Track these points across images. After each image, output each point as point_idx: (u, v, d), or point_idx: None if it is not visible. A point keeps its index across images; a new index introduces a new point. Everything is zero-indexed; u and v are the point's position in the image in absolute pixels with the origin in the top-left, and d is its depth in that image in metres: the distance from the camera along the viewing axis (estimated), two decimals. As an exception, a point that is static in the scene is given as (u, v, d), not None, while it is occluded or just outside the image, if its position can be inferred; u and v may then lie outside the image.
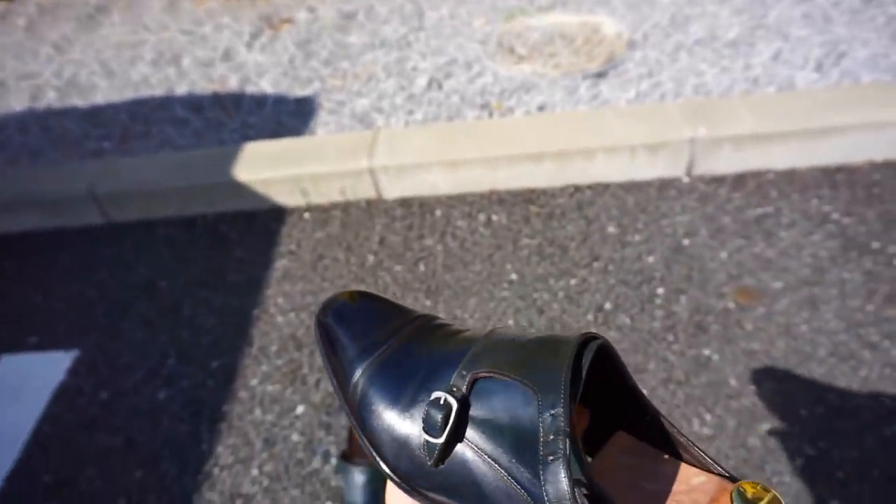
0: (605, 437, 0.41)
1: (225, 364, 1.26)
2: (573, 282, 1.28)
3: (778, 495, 0.33)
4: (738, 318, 1.17)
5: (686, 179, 1.46)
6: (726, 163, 1.45)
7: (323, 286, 1.38)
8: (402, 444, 0.39)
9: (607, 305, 1.23)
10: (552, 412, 0.33)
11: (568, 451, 0.32)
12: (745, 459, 0.98)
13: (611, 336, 1.17)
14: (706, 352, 1.13)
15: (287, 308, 1.35)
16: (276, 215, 1.60)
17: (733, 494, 0.35)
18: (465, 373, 0.37)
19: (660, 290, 1.24)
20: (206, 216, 1.64)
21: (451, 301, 1.29)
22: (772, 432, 1.01)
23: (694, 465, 0.39)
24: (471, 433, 0.36)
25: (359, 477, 0.88)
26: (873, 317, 1.13)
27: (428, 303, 1.30)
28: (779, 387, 1.06)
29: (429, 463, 0.37)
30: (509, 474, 0.34)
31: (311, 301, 1.35)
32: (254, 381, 1.22)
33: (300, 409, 1.16)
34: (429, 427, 0.36)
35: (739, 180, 1.43)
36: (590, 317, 1.21)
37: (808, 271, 1.22)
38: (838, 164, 1.43)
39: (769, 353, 1.11)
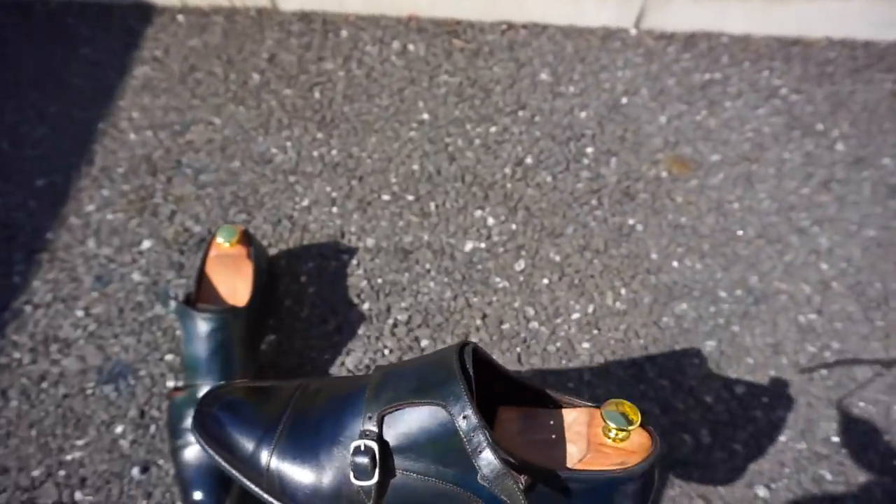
0: (492, 414, 0.48)
1: (54, 184, 1.01)
2: (493, 129, 1.10)
3: (634, 407, 0.43)
4: (668, 189, 1.04)
5: (633, 32, 1.27)
6: (680, 18, 1.26)
7: (192, 103, 1.12)
8: (336, 498, 0.41)
9: (528, 160, 1.06)
10: (464, 415, 0.38)
11: (490, 439, 0.37)
12: (655, 338, 0.88)
13: (529, 194, 1.02)
14: (630, 221, 1.00)
15: (143, 125, 1.09)
16: (140, 13, 1.27)
17: (602, 414, 0.42)
18: (370, 415, 0.40)
19: (589, 150, 1.08)
20: (48, 2, 1.29)
21: (348, 137, 1.08)
22: (687, 312, 0.91)
23: (565, 407, 0.47)
24: (397, 461, 0.40)
25: (203, 325, 0.70)
26: (807, 200, 1.04)
27: (320, 135, 1.07)
28: (701, 265, 0.96)
29: (369, 503, 0.40)
30: (442, 479, 0.39)
31: (176, 120, 1.09)
32: (90, 207, 0.98)
33: (146, 245, 0.94)
34: (359, 474, 0.39)
35: (690, 40, 1.26)
36: (507, 170, 1.05)
37: (749, 146, 1.10)
38: (795, 36, 1.28)
39: (696, 228, 1.00)
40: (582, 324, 0.89)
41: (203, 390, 0.71)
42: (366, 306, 0.88)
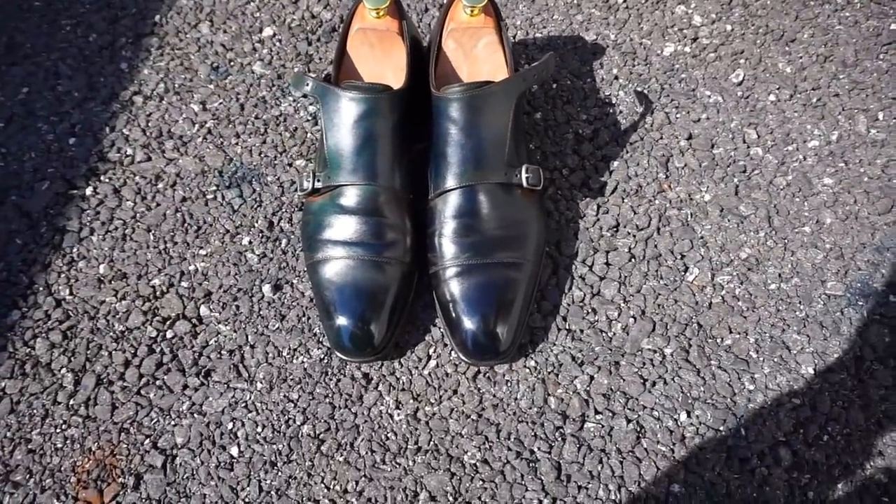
0: None
1: (159, -41, 0.84)
2: None
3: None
4: (949, -15, 0.76)
5: None
6: None
7: None
8: None
9: (750, -58, 0.79)
10: None
11: None
12: (922, 179, 0.66)
13: (748, -13, 0.76)
14: (894, 25, 0.74)
15: None
16: None
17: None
18: None
19: (834, -69, 0.80)
20: None
21: None
22: (970, 148, 0.67)
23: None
24: None
25: (351, 108, 0.54)
26: None
27: None
28: None
29: None
30: None
31: None
32: (201, -12, 0.82)
33: (267, 32, 0.78)
34: None
35: None
36: (722, -47, 0.79)
37: None
38: None
39: None
40: (822, 154, 0.67)
41: (347, 193, 0.57)
42: (538, 116, 0.70)
